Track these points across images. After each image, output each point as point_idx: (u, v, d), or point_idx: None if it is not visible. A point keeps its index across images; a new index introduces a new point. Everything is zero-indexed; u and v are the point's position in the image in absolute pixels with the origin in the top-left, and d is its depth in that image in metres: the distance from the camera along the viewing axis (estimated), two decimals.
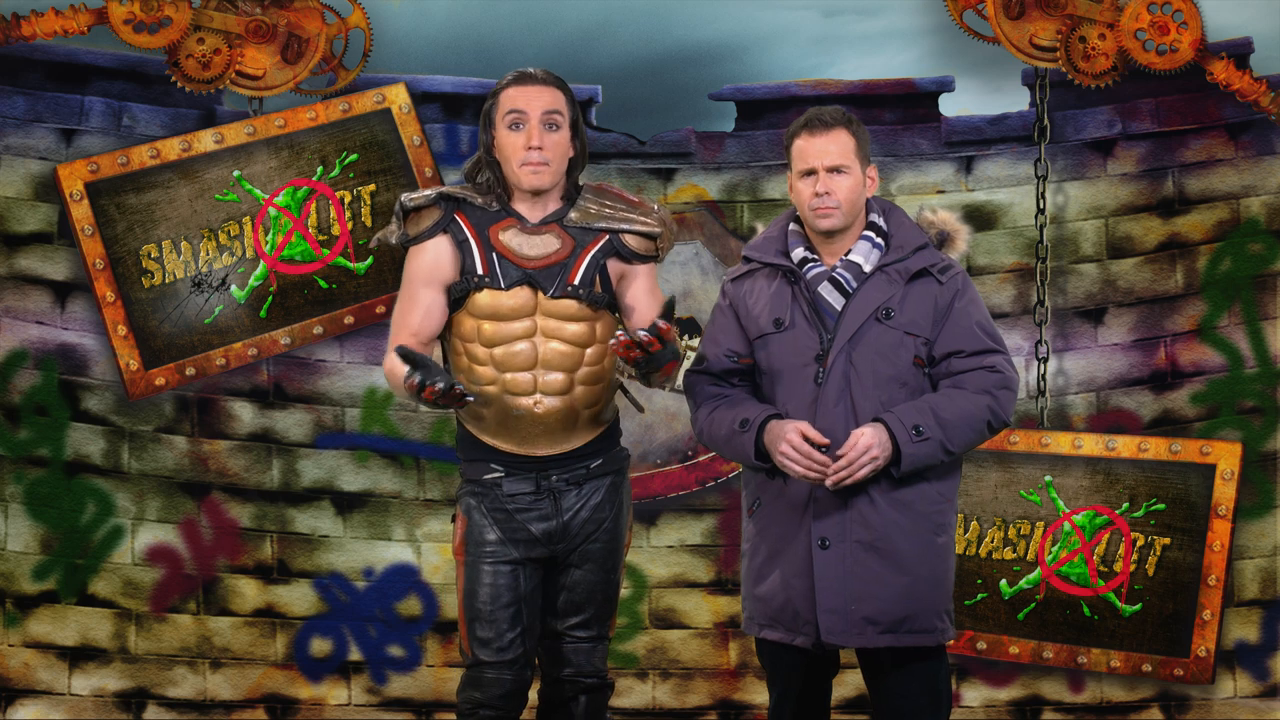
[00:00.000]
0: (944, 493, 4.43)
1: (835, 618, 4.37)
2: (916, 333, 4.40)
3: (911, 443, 4.31)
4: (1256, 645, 6.92)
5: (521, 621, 4.49)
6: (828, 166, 4.44)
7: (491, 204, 4.53)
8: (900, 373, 4.39)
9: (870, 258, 4.46)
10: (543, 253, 4.49)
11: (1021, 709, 7.00)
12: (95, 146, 6.94)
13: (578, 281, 4.48)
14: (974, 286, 4.51)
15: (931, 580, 4.40)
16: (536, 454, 4.51)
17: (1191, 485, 6.69)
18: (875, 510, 4.37)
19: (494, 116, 4.52)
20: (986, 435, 4.42)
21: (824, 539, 4.38)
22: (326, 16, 6.82)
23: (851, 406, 4.38)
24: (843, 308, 4.42)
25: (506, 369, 4.46)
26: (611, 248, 4.53)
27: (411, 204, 4.53)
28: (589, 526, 4.53)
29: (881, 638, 4.38)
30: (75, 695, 6.98)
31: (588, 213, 4.54)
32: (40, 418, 6.95)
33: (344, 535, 7.07)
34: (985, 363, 4.40)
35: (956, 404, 4.36)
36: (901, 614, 4.37)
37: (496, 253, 4.48)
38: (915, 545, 4.38)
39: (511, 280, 4.47)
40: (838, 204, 4.44)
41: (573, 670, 4.57)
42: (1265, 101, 6.71)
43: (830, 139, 4.45)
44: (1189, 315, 6.99)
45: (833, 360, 4.40)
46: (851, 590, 4.36)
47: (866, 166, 4.49)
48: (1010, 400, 4.42)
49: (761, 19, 9.47)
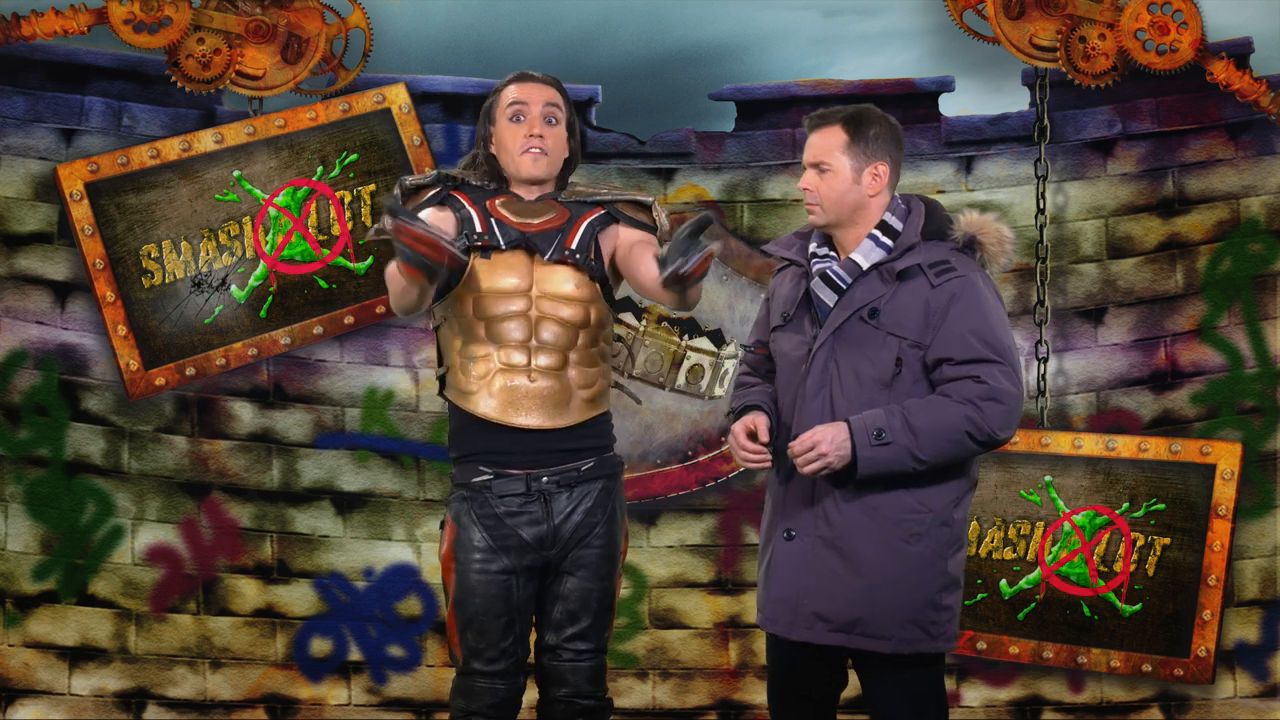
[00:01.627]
0: (925, 501, 4.36)
1: (780, 607, 4.39)
2: (902, 334, 4.35)
3: (870, 446, 4.27)
4: (1256, 645, 6.92)
5: (514, 630, 4.48)
6: (809, 162, 4.45)
7: (489, 185, 4.58)
8: (882, 373, 4.35)
9: (872, 256, 4.44)
10: (539, 219, 4.52)
11: (1021, 709, 7.00)
12: (95, 146, 6.95)
13: (575, 245, 4.48)
14: (981, 292, 4.39)
15: (895, 586, 4.33)
16: (528, 426, 4.47)
17: (1191, 485, 6.69)
18: (839, 509, 4.36)
19: (495, 112, 4.56)
20: (971, 447, 4.32)
21: (790, 530, 4.41)
22: (326, 16, 6.82)
23: (830, 403, 4.38)
24: (833, 304, 4.43)
25: (502, 344, 4.46)
26: (610, 217, 4.56)
27: (412, 182, 4.58)
28: (580, 531, 4.50)
29: (832, 636, 4.36)
30: (75, 695, 6.98)
31: (579, 191, 4.61)
32: (40, 418, 6.95)
33: (344, 535, 7.07)
34: (973, 372, 4.30)
35: (933, 412, 4.29)
36: (854, 615, 4.34)
37: (494, 218, 4.51)
38: (878, 549, 4.34)
39: (510, 240, 4.47)
40: (817, 200, 4.44)
41: (569, 690, 4.52)
42: (1265, 101, 6.71)
43: (818, 135, 4.45)
44: (1189, 315, 6.99)
45: (814, 355, 4.41)
46: (805, 584, 4.36)
47: (870, 163, 4.43)
48: (999, 413, 4.30)
49: (761, 19, 9.48)
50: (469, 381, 4.48)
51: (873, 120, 4.45)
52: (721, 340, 7.02)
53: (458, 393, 4.52)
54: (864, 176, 4.44)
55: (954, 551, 4.42)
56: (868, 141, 4.43)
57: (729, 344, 7.01)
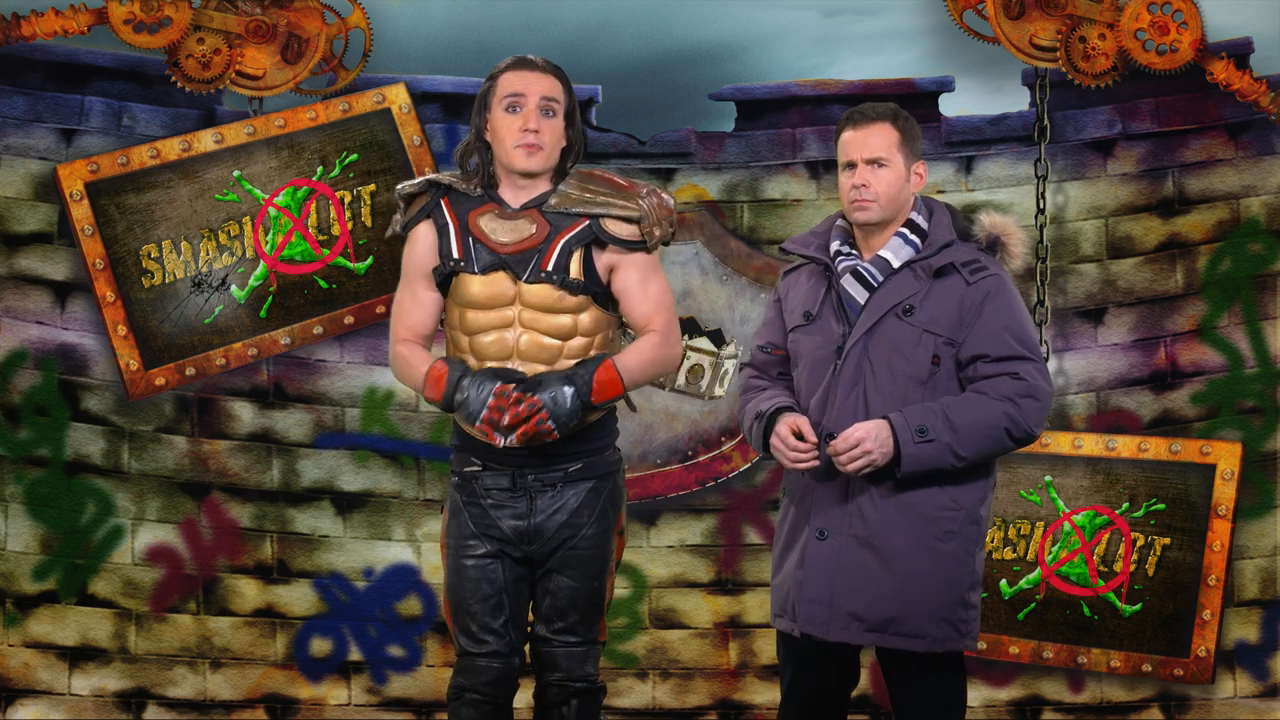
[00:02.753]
0: (957, 499, 4.37)
1: (816, 608, 4.37)
2: (938, 331, 4.37)
3: (914, 444, 4.28)
4: (1256, 645, 6.92)
5: (504, 611, 4.49)
6: (866, 159, 4.42)
7: (475, 188, 4.51)
8: (918, 370, 4.36)
9: (901, 254, 4.44)
10: (516, 239, 4.45)
11: (1021, 709, 7.00)
12: (95, 146, 6.95)
13: (551, 267, 4.43)
14: (1013, 291, 4.43)
15: (928, 584, 4.35)
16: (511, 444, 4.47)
17: (1191, 485, 6.69)
18: (874, 507, 4.36)
19: (490, 100, 4.48)
20: (1008, 444, 4.35)
21: (822, 530, 4.39)
22: (326, 16, 6.82)
23: (864, 400, 4.37)
24: (865, 301, 4.42)
25: (484, 358, 4.44)
26: (590, 233, 4.45)
27: (404, 191, 4.55)
28: (565, 531, 4.49)
29: (867, 636, 4.36)
30: (75, 695, 6.98)
31: (568, 197, 4.48)
32: (40, 418, 6.95)
33: (344, 535, 7.07)
34: (1010, 369, 4.34)
35: (973, 409, 4.31)
36: (889, 614, 4.35)
37: (473, 238, 4.46)
38: (912, 547, 4.35)
39: (485, 264, 4.44)
40: (874, 196, 4.41)
41: (561, 675, 4.54)
42: (1265, 101, 6.71)
43: (872, 131, 4.43)
44: (1189, 315, 6.99)
45: (848, 353, 4.39)
46: (840, 584, 4.36)
47: (914, 162, 4.45)
48: (1036, 410, 4.34)
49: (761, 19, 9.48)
50: None
51: (911, 119, 4.49)
52: (721, 340, 7.02)
53: None
54: (911, 175, 4.47)
55: (979, 549, 4.45)
56: (914, 140, 4.47)
57: (729, 344, 7.01)
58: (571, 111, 4.51)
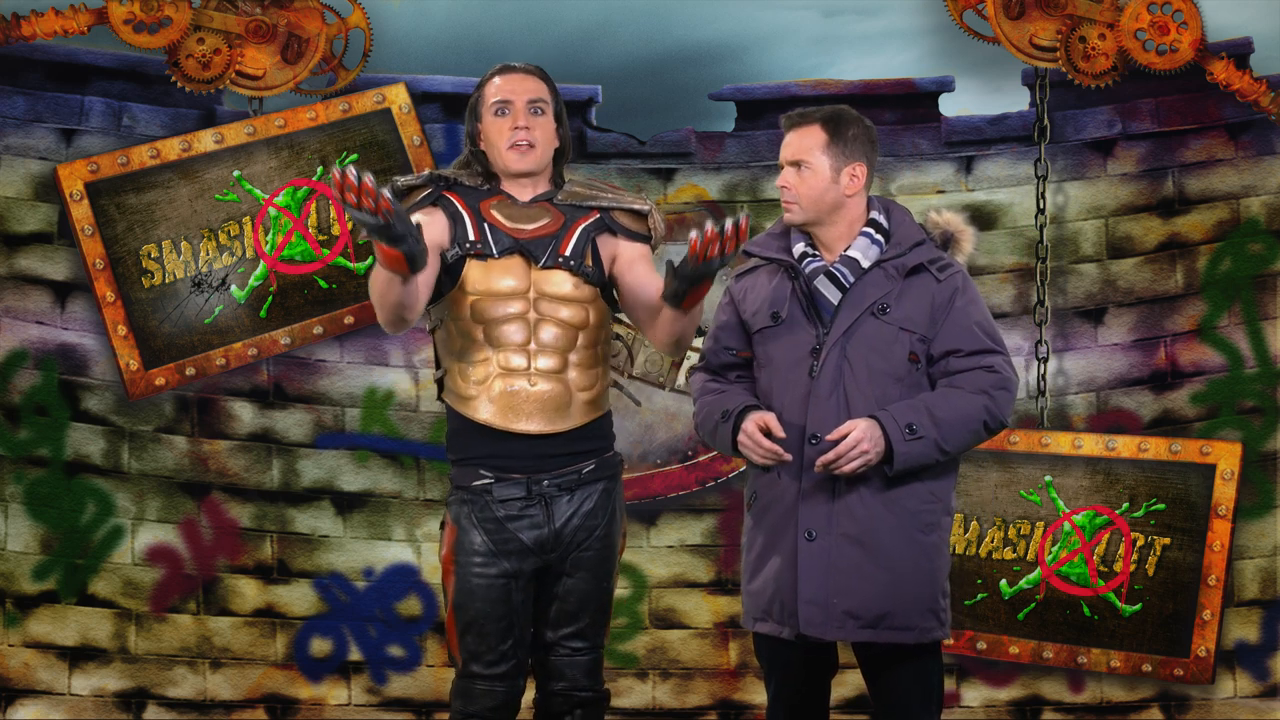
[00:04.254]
0: (935, 492, 4.42)
1: (815, 609, 4.38)
2: (912, 329, 4.40)
3: (904, 441, 4.31)
4: (1256, 645, 6.92)
5: (514, 634, 4.45)
6: (788, 160, 4.48)
7: (482, 185, 4.54)
8: (895, 368, 4.40)
9: (869, 254, 4.47)
10: (533, 225, 4.49)
11: (1021, 709, 7.00)
12: (95, 146, 6.95)
13: (569, 252, 4.46)
14: (975, 286, 4.51)
15: (916, 578, 4.39)
16: (529, 431, 4.45)
17: (1191, 485, 6.69)
18: (862, 504, 4.38)
19: (479, 109, 4.52)
20: (983, 436, 4.42)
21: (810, 531, 4.40)
22: (326, 16, 6.82)
23: (845, 400, 4.39)
24: (839, 302, 4.44)
25: (501, 347, 4.43)
26: (603, 224, 4.51)
27: (404, 183, 4.54)
28: (580, 534, 4.48)
29: (861, 633, 4.38)
30: (75, 695, 6.98)
31: (576, 194, 4.55)
32: (40, 418, 6.95)
33: (344, 535, 7.07)
34: (983, 363, 4.40)
35: (952, 404, 4.36)
36: (882, 610, 4.37)
37: (488, 224, 4.47)
38: (900, 542, 4.38)
39: (503, 247, 4.45)
40: (795, 198, 4.47)
41: (566, 684, 4.52)
42: (1265, 101, 6.71)
43: (798, 134, 4.48)
44: (1189, 315, 6.99)
45: (826, 354, 4.40)
46: (833, 583, 4.37)
47: (848, 164, 4.46)
48: (1008, 401, 4.41)
49: (761, 19, 9.49)
50: (468, 386, 4.46)
51: (850, 121, 4.50)
52: None
53: (456, 397, 4.49)
54: (842, 176, 4.47)
55: (948, 540, 4.52)
56: (846, 142, 4.47)
57: None
58: (560, 112, 4.55)
